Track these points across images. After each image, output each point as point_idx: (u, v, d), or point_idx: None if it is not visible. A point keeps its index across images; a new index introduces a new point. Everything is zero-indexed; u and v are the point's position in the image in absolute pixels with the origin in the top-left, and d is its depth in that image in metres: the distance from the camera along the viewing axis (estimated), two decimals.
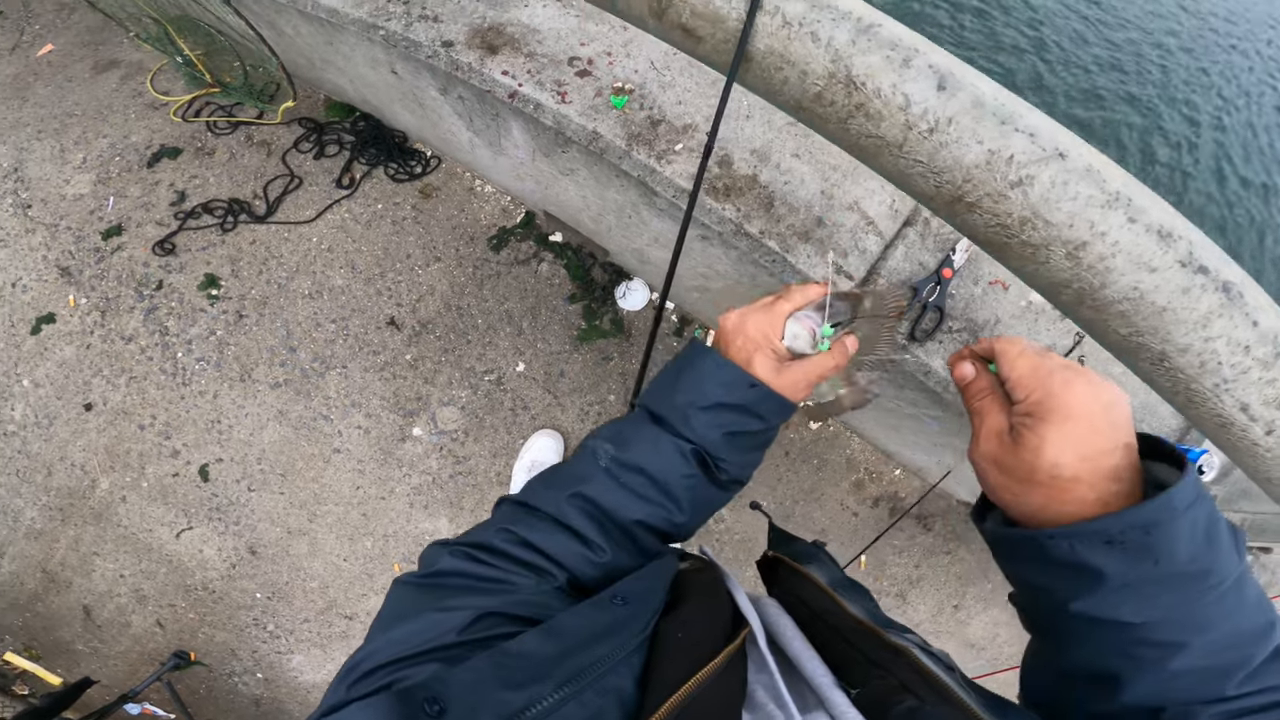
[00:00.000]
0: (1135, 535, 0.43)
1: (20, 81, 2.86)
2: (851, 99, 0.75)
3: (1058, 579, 0.48)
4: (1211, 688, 0.45)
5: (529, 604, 0.50)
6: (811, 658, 0.51)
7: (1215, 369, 0.87)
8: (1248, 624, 0.46)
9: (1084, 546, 0.45)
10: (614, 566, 0.59)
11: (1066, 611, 0.48)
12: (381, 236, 2.52)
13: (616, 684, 0.43)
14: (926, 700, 0.44)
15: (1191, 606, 0.45)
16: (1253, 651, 0.46)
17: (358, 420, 2.40)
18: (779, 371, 0.64)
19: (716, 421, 0.61)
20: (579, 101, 1.43)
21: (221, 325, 2.45)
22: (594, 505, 0.59)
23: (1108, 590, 0.45)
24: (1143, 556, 0.44)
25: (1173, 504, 0.43)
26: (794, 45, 0.74)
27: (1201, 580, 0.44)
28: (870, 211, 1.44)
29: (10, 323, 2.50)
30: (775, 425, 0.65)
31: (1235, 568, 0.45)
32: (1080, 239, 0.77)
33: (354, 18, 1.54)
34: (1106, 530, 0.44)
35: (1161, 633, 0.45)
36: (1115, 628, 0.46)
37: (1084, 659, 0.50)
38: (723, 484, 0.65)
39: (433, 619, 0.46)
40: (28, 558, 2.41)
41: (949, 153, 0.74)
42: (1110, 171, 0.75)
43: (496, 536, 0.56)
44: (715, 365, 0.63)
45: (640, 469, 0.60)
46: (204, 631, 2.36)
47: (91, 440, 2.39)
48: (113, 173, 2.63)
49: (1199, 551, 0.44)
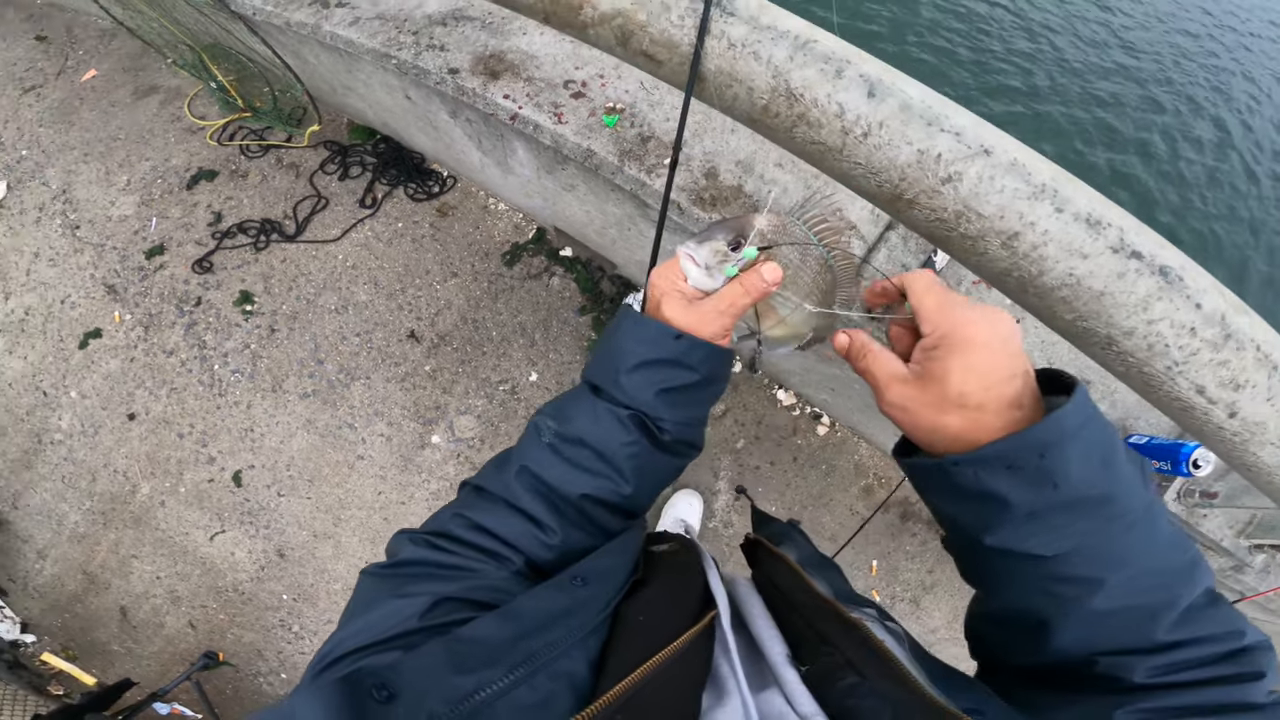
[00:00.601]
0: (1031, 459, 0.45)
1: (67, 106, 3.10)
2: (794, 110, 0.83)
3: (969, 510, 0.50)
4: (1140, 632, 0.46)
5: (487, 589, 0.51)
6: (773, 637, 0.52)
7: (1164, 351, 0.90)
8: (1165, 560, 0.47)
9: (987, 473, 0.47)
10: (568, 547, 0.58)
11: (983, 546, 0.49)
12: (402, 254, 2.66)
13: (569, 667, 0.43)
14: (868, 676, 0.45)
15: (1101, 538, 0.46)
16: (1178, 591, 0.47)
17: (380, 428, 2.52)
18: (687, 310, 0.61)
19: (646, 380, 0.60)
20: (574, 121, 1.53)
21: (255, 339, 2.60)
22: (539, 481, 0.58)
23: (1015, 520, 0.47)
24: (1041, 481, 0.45)
25: (1062, 425, 0.44)
26: (739, 64, 0.82)
27: (1105, 507, 0.45)
28: (852, 217, 1.50)
29: (59, 337, 2.70)
30: (710, 375, 0.63)
31: (1141, 498, 0.46)
32: (1012, 229, 0.82)
33: (368, 48, 1.67)
34: (1004, 454, 0.46)
35: (1076, 567, 0.46)
36: (1031, 563, 0.48)
37: (1010, 601, 0.52)
38: (668, 446, 0.63)
39: (393, 606, 0.47)
40: (69, 560, 2.57)
41: (883, 154, 0.81)
42: (1036, 164, 0.81)
43: (452, 522, 0.57)
44: (634, 323, 0.62)
45: (581, 440, 0.59)
46: (233, 632, 2.48)
47: (134, 448, 2.56)
48: (155, 194, 2.83)
49: (1095, 475, 0.45)
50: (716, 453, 2.47)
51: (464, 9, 1.71)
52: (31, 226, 2.88)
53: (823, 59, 0.80)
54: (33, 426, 2.65)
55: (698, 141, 1.50)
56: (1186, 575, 0.48)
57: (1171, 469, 1.37)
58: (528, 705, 0.39)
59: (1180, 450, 1.36)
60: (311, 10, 1.78)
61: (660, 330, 0.60)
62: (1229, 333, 0.86)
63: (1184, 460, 1.34)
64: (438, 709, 0.37)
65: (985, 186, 0.80)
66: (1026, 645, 0.52)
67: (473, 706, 0.38)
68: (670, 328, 0.60)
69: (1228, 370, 0.88)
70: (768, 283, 0.61)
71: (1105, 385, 1.52)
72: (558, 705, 0.40)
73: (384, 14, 1.73)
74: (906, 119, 0.78)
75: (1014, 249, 0.85)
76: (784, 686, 0.46)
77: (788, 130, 0.86)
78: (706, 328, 0.61)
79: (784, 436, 2.47)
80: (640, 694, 0.41)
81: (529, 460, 0.59)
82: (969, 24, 4.92)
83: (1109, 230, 0.83)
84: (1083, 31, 5.16)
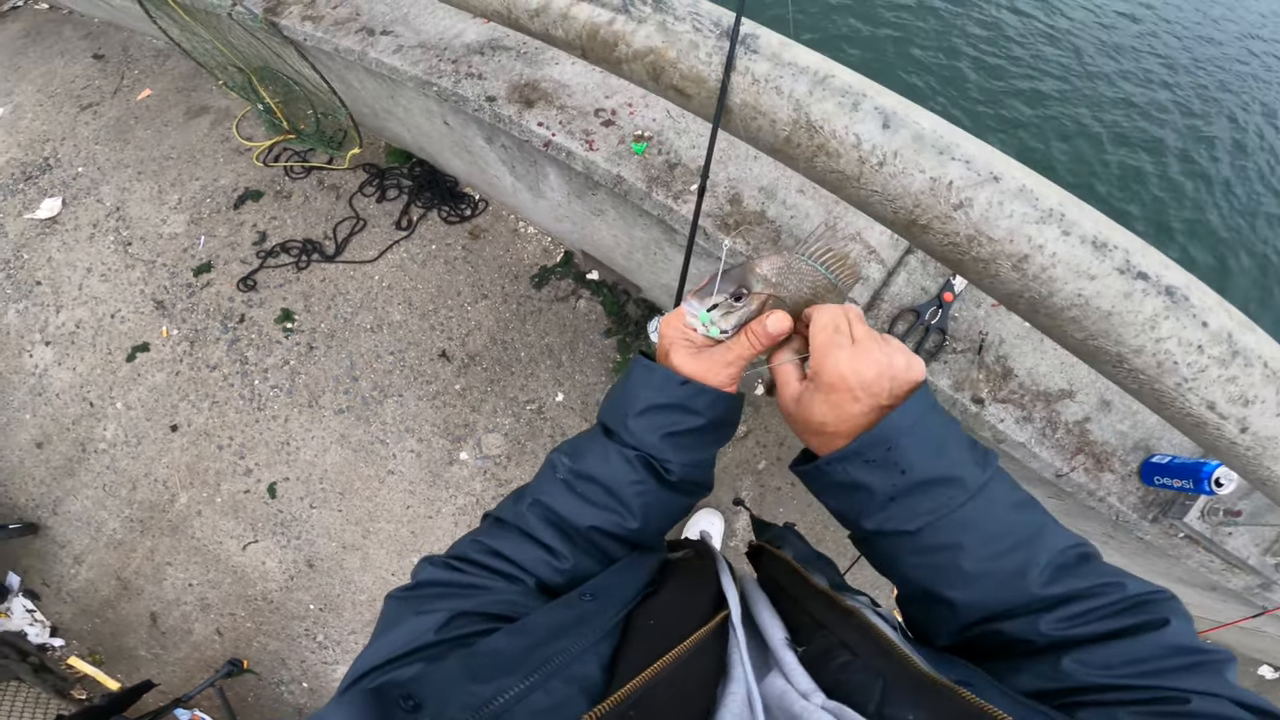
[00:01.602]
0: (880, 452, 0.56)
1: (122, 124, 3.28)
2: (814, 140, 0.89)
3: (846, 501, 0.61)
4: (1017, 588, 0.53)
5: (502, 603, 0.55)
6: (775, 624, 0.57)
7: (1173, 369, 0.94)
8: (1010, 523, 0.55)
9: (852, 467, 0.57)
10: (577, 573, 0.62)
11: (866, 532, 0.60)
12: (435, 275, 2.76)
13: (583, 671, 0.46)
14: (861, 654, 0.49)
15: (949, 510, 0.55)
16: (1033, 549, 0.54)
17: (411, 445, 2.59)
18: (695, 359, 0.66)
19: (652, 424, 0.64)
20: (605, 149, 1.61)
21: (294, 356, 2.71)
22: (551, 512, 0.62)
23: (880, 503, 0.57)
24: (892, 469, 0.56)
25: (896, 424, 0.55)
26: (763, 98, 0.89)
27: (947, 486, 0.55)
28: (872, 241, 1.55)
29: (108, 350, 2.83)
30: (716, 420, 0.66)
31: (977, 477, 0.55)
32: (1021, 252, 0.87)
33: (411, 75, 1.78)
34: (859, 450, 0.56)
35: (936, 536, 0.55)
36: (904, 540, 0.57)
37: (905, 581, 0.61)
38: (675, 486, 0.66)
39: (413, 623, 0.50)
40: (105, 566, 2.66)
41: (898, 182, 0.86)
42: (1043, 189, 0.86)
43: (471, 548, 0.61)
44: (642, 370, 0.66)
45: (592, 478, 0.64)
46: (258, 640, 2.54)
47: (175, 458, 2.66)
48: (204, 213, 2.98)
49: (932, 460, 0.55)
50: (738, 473, 2.50)
51: (500, 39, 1.81)
52: (85, 242, 3.04)
53: (840, 92, 0.86)
54: (78, 436, 2.77)
55: (722, 168, 1.57)
56: (1036, 534, 0.55)
57: (1194, 488, 1.38)
58: (544, 708, 0.42)
59: (1202, 469, 1.37)
60: (358, 38, 1.89)
61: (666, 377, 0.65)
62: (1236, 350, 0.89)
63: (1206, 479, 1.35)
64: (460, 716, 0.40)
65: (995, 211, 0.84)
66: (938, 618, 0.59)
67: (492, 712, 0.40)
68: (676, 374, 0.65)
69: (1236, 386, 0.91)
70: (772, 334, 0.64)
71: (1126, 405, 1.54)
72: (572, 707, 0.43)
73: (425, 42, 1.84)
74: (919, 148, 0.84)
75: (1024, 271, 0.89)
76: (783, 667, 0.50)
77: (808, 160, 0.92)
78: (714, 378, 0.65)
79: None
80: (652, 691, 0.43)
81: (543, 494, 0.64)
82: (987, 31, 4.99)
83: (1115, 252, 0.87)
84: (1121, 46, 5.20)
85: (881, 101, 0.85)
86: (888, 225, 0.96)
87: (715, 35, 0.90)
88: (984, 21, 5.17)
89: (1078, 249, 0.86)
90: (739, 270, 0.67)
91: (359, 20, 1.91)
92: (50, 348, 2.89)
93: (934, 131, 0.84)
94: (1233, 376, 0.92)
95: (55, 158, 3.25)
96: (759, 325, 0.65)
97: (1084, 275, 0.88)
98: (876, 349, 0.58)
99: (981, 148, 0.85)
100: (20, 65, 3.64)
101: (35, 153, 3.29)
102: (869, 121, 0.85)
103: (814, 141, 0.89)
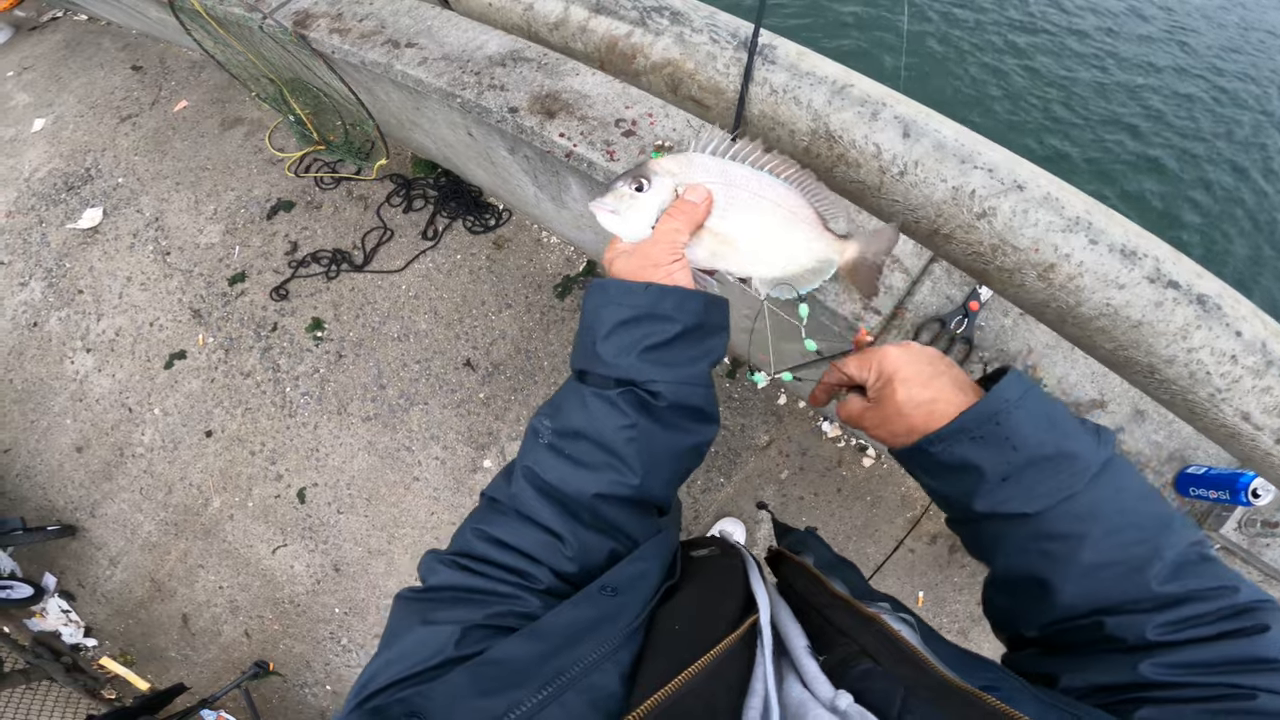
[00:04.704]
0: (988, 427, 0.54)
1: (160, 135, 3.38)
2: (833, 150, 0.89)
3: (953, 483, 0.59)
4: (1135, 583, 0.51)
5: (516, 615, 0.51)
6: (796, 632, 0.55)
7: (1205, 379, 0.92)
8: (1138, 511, 0.52)
9: (958, 445, 0.56)
10: (586, 552, 0.56)
11: (976, 515, 0.57)
12: (460, 284, 2.80)
13: (600, 682, 0.43)
14: (883, 661, 0.48)
15: (1072, 493, 0.52)
16: (1158, 541, 0.51)
17: (436, 452, 2.62)
18: (631, 258, 0.63)
19: (624, 344, 0.58)
20: (625, 159, 1.62)
21: (324, 364, 2.76)
22: (544, 483, 0.57)
23: (992, 483, 0.55)
24: (1002, 444, 0.54)
25: (1003, 395, 0.54)
26: (781, 109, 0.89)
27: (1066, 464, 0.52)
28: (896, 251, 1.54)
29: (147, 358, 2.91)
30: (694, 323, 0.61)
31: (1095, 452, 0.53)
32: (1047, 261, 0.86)
33: (435, 86, 1.81)
34: (964, 426, 0.55)
35: (1058, 523, 0.53)
36: (1019, 524, 0.54)
37: (1011, 566, 0.58)
38: (667, 417, 0.60)
39: (421, 635, 0.47)
40: (139, 568, 2.73)
41: (919, 191, 0.86)
42: (1069, 198, 0.84)
43: (473, 538, 0.56)
44: (597, 289, 0.61)
45: (578, 433, 0.57)
46: (284, 643, 2.58)
47: (209, 463, 2.73)
48: (238, 224, 3.07)
49: (1045, 435, 0.53)
50: (760, 482, 2.49)
51: (521, 50, 1.83)
52: (126, 252, 3.14)
53: (859, 102, 0.85)
54: (116, 441, 2.86)
55: None
56: (1163, 526, 0.52)
57: (1230, 498, 1.33)
58: None
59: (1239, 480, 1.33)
60: (384, 50, 1.93)
61: (624, 287, 0.60)
62: (1271, 359, 0.87)
63: (1243, 490, 1.30)
64: None
65: (1019, 220, 0.83)
66: (1035, 607, 0.56)
67: None
68: (634, 282, 0.60)
69: (1271, 397, 0.89)
70: (693, 202, 0.63)
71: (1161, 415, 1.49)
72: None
73: (449, 54, 1.87)
74: (940, 157, 0.83)
75: (1050, 280, 0.88)
76: (804, 675, 0.48)
77: (828, 169, 0.92)
78: (651, 258, 0.62)
79: (829, 468, 2.47)
80: (678, 705, 0.41)
81: (530, 462, 0.58)
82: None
83: (1145, 260, 0.85)
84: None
85: (901, 110, 0.85)
86: (910, 235, 0.96)
87: (733, 46, 0.90)
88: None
89: (1106, 258, 0.84)
90: (637, 168, 0.66)
91: (384, 33, 1.95)
92: (91, 354, 2.99)
93: (955, 140, 0.83)
94: (1268, 387, 0.90)
95: (96, 168, 3.36)
96: (679, 201, 0.64)
97: (1112, 284, 0.86)
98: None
99: (1005, 155, 0.84)
100: (61, 76, 3.78)
101: (77, 163, 3.41)
102: (889, 130, 0.84)
103: (834, 151, 0.88)
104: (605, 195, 0.65)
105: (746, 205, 0.67)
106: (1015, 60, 4.92)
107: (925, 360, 0.61)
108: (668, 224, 0.63)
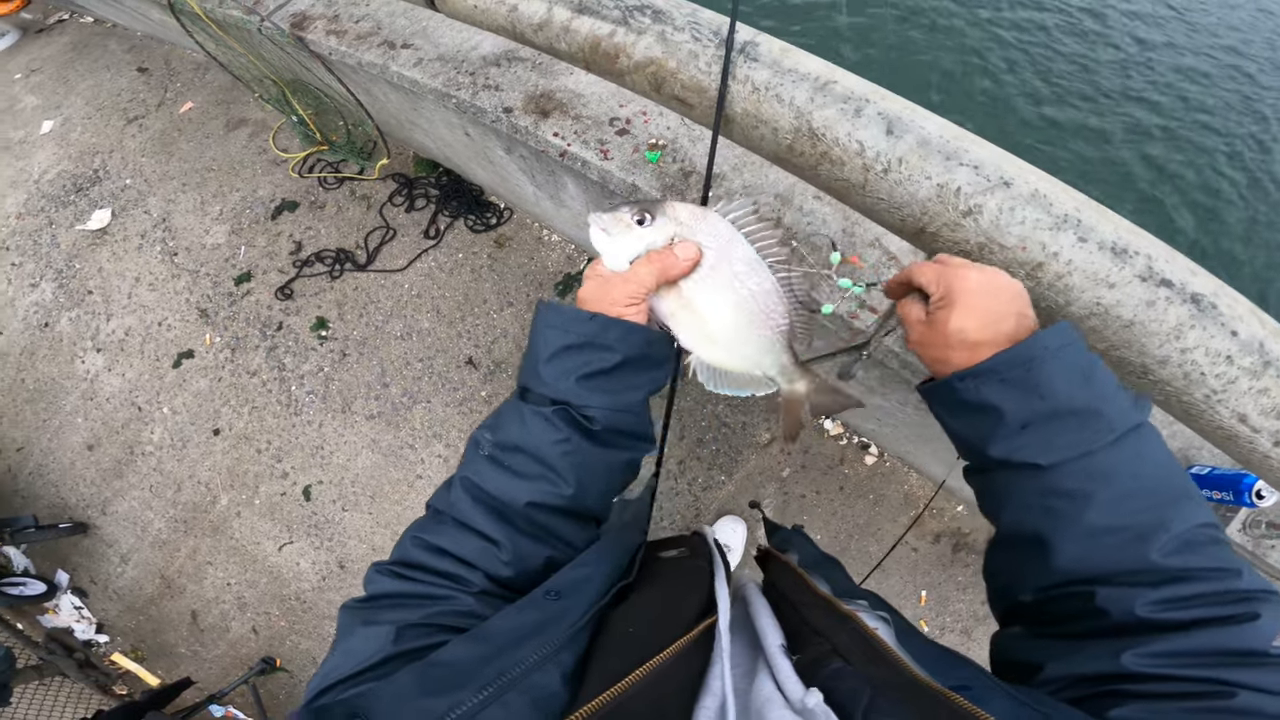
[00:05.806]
0: (1019, 372, 0.53)
1: (167, 137, 3.41)
2: (816, 148, 0.87)
3: (972, 424, 0.58)
4: (1134, 552, 0.49)
5: (452, 614, 0.52)
6: (773, 631, 0.57)
7: (1200, 380, 0.89)
8: (1154, 481, 0.51)
9: (984, 385, 0.55)
10: (522, 557, 0.58)
11: (989, 460, 0.56)
12: (462, 283, 2.80)
13: (542, 682, 0.44)
14: (854, 661, 0.49)
15: (1089, 450, 0.51)
16: (1167, 514, 0.50)
17: (438, 450, 2.63)
18: (597, 286, 0.63)
19: (564, 368, 0.60)
20: (619, 158, 1.61)
21: (328, 363, 2.78)
22: (482, 492, 0.58)
23: (1010, 429, 0.54)
24: (1030, 391, 0.52)
25: (1043, 342, 0.53)
26: (764, 106, 0.88)
27: (1091, 420, 0.51)
28: (891, 248, 1.52)
29: (155, 357, 2.95)
30: (632, 356, 0.62)
31: (1126, 416, 0.51)
32: (1035, 260, 0.84)
33: (430, 87, 1.81)
34: (995, 367, 0.54)
35: (1068, 479, 0.52)
36: (1030, 475, 0.53)
37: (1014, 522, 0.57)
38: (602, 437, 0.61)
39: (362, 635, 0.49)
40: (150, 565, 2.77)
41: (904, 189, 0.84)
42: (1058, 195, 0.83)
43: (414, 547, 0.58)
44: (548, 311, 0.62)
45: (516, 447, 0.59)
46: (291, 639, 2.60)
47: (217, 461, 2.76)
48: (244, 224, 3.09)
49: (1077, 389, 0.52)
50: (762, 480, 2.48)
51: (515, 50, 1.83)
52: (134, 252, 3.17)
53: (842, 99, 0.84)
54: (126, 439, 2.89)
55: (737, 175, 1.56)
56: (1177, 501, 0.51)
57: (1234, 499, 1.31)
58: None
59: (1242, 481, 1.31)
60: (380, 51, 1.93)
61: (572, 314, 0.61)
62: (1269, 359, 0.85)
63: (1246, 491, 1.28)
64: None
65: (1006, 218, 0.82)
66: (1031, 568, 0.56)
67: None
68: (582, 311, 0.61)
69: (1269, 398, 0.87)
70: (676, 257, 0.63)
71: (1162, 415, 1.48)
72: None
73: (444, 55, 1.87)
74: (925, 154, 0.82)
75: (1039, 279, 0.86)
76: (776, 673, 0.49)
77: (813, 168, 0.91)
78: (614, 305, 0.62)
79: (831, 465, 2.46)
80: (626, 705, 0.42)
81: (470, 473, 0.60)
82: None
83: (1136, 259, 0.83)
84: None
85: (885, 107, 0.83)
86: (897, 234, 0.94)
87: (714, 44, 0.89)
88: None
89: (1095, 256, 0.82)
90: (652, 201, 0.65)
91: (380, 34, 1.95)
92: (101, 354, 3.03)
93: (940, 136, 0.82)
94: (1265, 388, 0.88)
95: (104, 170, 3.40)
96: (666, 249, 0.64)
97: (1102, 283, 0.84)
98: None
99: (992, 152, 0.83)
100: (68, 78, 3.82)
101: (85, 165, 3.45)
102: (872, 128, 0.83)
103: (817, 149, 0.87)
104: (608, 212, 0.65)
105: (725, 284, 0.66)
106: (1000, 50, 4.85)
107: (998, 296, 0.57)
108: (641, 268, 0.63)
